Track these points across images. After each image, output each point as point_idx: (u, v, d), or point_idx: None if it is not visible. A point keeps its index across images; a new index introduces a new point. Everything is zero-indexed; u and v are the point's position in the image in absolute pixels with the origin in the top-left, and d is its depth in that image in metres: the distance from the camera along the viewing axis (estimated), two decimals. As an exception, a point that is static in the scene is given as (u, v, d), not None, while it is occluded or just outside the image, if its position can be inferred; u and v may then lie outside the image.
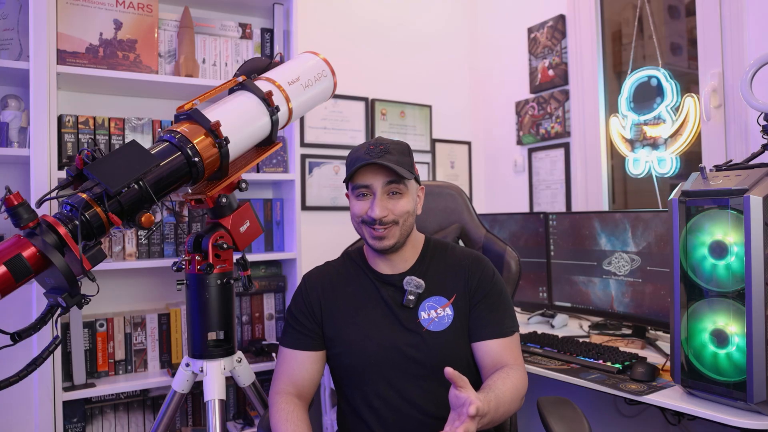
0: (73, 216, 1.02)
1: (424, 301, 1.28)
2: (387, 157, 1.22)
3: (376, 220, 1.23)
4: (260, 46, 2.23)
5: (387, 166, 1.21)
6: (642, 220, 1.84)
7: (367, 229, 1.26)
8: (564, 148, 2.55)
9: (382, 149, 1.24)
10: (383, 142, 1.26)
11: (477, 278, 1.30)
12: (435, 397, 1.22)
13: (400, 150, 1.27)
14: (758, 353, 1.18)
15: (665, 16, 2.25)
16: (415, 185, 1.32)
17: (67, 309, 0.99)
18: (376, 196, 1.24)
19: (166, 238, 2.00)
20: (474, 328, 1.28)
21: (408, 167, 1.26)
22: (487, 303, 1.29)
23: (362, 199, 1.26)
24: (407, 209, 1.26)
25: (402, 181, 1.25)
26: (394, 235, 1.25)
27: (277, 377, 1.28)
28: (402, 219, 1.25)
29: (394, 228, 1.25)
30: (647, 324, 1.85)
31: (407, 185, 1.27)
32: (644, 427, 2.00)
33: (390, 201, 1.24)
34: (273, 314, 2.20)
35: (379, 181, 1.23)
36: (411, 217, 1.28)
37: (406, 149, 1.30)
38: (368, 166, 1.23)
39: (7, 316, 1.61)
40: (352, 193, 1.28)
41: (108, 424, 1.91)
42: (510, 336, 1.27)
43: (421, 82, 2.87)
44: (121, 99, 2.07)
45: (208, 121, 1.21)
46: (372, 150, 1.24)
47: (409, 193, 1.28)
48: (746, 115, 1.81)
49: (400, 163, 1.24)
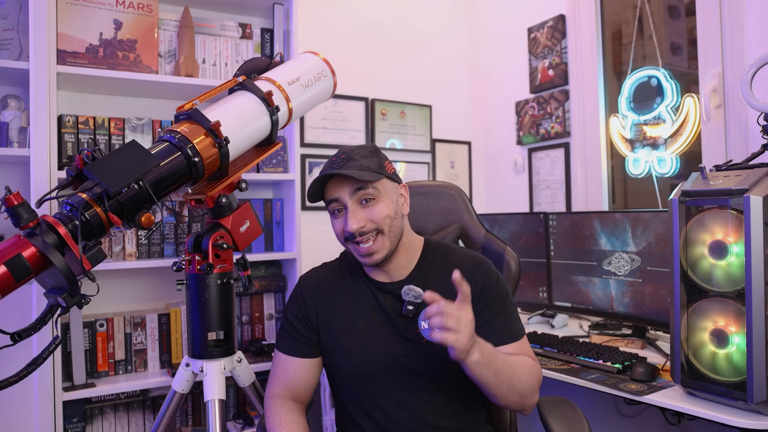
0: (73, 216, 1.01)
1: (425, 310, 1.24)
2: (348, 164, 1.17)
3: (354, 234, 1.17)
4: (260, 46, 2.23)
5: (344, 174, 1.14)
6: (642, 220, 1.84)
7: (352, 246, 1.20)
8: (564, 148, 2.55)
9: (343, 158, 1.18)
10: (345, 150, 1.21)
11: (481, 283, 1.24)
12: (436, 408, 1.21)
13: (364, 154, 1.20)
14: (758, 353, 1.18)
15: (665, 16, 2.25)
16: (393, 185, 1.24)
17: (67, 309, 0.99)
18: (347, 208, 1.17)
19: (166, 238, 2.00)
20: (481, 334, 1.21)
21: (375, 168, 1.19)
22: (493, 308, 1.24)
23: (338, 215, 1.20)
24: (386, 213, 1.18)
25: (370, 185, 1.17)
26: (383, 245, 1.18)
27: (272, 381, 1.27)
28: (385, 226, 1.18)
29: (380, 238, 1.18)
30: (647, 324, 1.85)
31: (379, 188, 1.19)
32: (644, 427, 2.00)
33: (364, 210, 1.17)
34: (273, 314, 2.20)
35: (345, 191, 1.17)
36: (396, 221, 1.20)
37: (373, 150, 1.23)
38: (332, 179, 1.19)
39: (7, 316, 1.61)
40: (329, 212, 1.23)
41: (108, 424, 1.91)
42: (519, 339, 1.24)
43: (421, 82, 2.87)
44: (121, 99, 2.07)
45: (208, 121, 1.21)
46: (333, 162, 1.19)
47: (385, 196, 1.20)
48: (746, 115, 1.81)
49: (364, 167, 1.17)
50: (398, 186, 1.27)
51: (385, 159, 1.25)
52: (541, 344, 1.81)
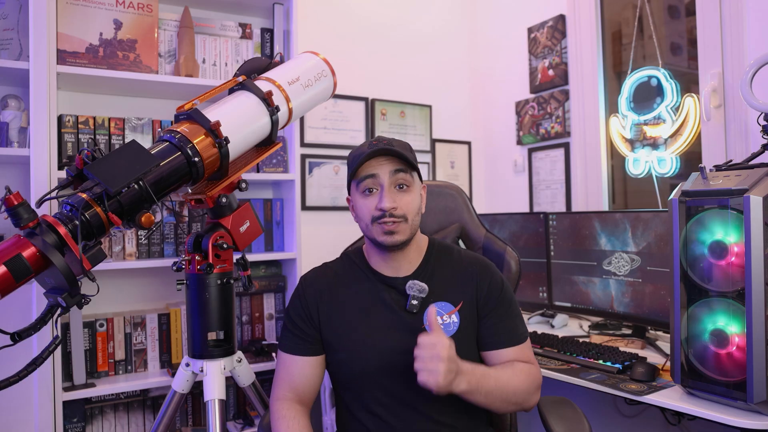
0: (73, 216, 1.01)
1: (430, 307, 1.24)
2: (391, 148, 1.21)
3: (386, 212, 1.19)
4: (260, 46, 2.23)
5: (393, 151, 1.19)
6: (642, 220, 1.84)
7: (377, 226, 1.21)
8: (564, 148, 2.55)
9: (385, 143, 1.22)
10: (386, 138, 1.25)
11: (486, 287, 1.27)
12: (440, 405, 1.21)
13: (403, 145, 1.26)
14: (758, 353, 1.18)
15: (665, 16, 2.25)
16: (419, 182, 1.29)
17: (67, 309, 0.99)
18: (383, 187, 1.20)
19: (166, 238, 2.00)
20: (486, 336, 1.25)
21: (413, 160, 1.24)
22: (498, 312, 1.26)
23: (369, 195, 1.22)
24: (416, 205, 1.24)
25: (409, 171, 1.22)
26: (405, 231, 1.22)
27: (276, 383, 1.27)
28: (411, 216, 1.22)
29: (403, 224, 1.21)
30: (647, 324, 1.85)
31: (414, 178, 1.24)
32: (644, 427, 2.00)
33: (398, 194, 1.21)
34: (273, 314, 2.20)
35: (385, 170, 1.21)
36: (418, 216, 1.26)
37: (408, 146, 1.29)
38: (374, 157, 1.21)
39: (7, 316, 1.62)
40: (358, 191, 1.24)
41: (108, 424, 1.91)
42: (522, 343, 1.26)
43: (421, 82, 2.87)
44: (121, 99, 2.07)
45: (208, 121, 1.21)
46: (375, 144, 1.23)
47: (416, 188, 1.25)
48: (746, 115, 1.81)
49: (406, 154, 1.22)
50: (421, 185, 1.31)
51: (416, 157, 1.29)
52: (541, 344, 1.81)
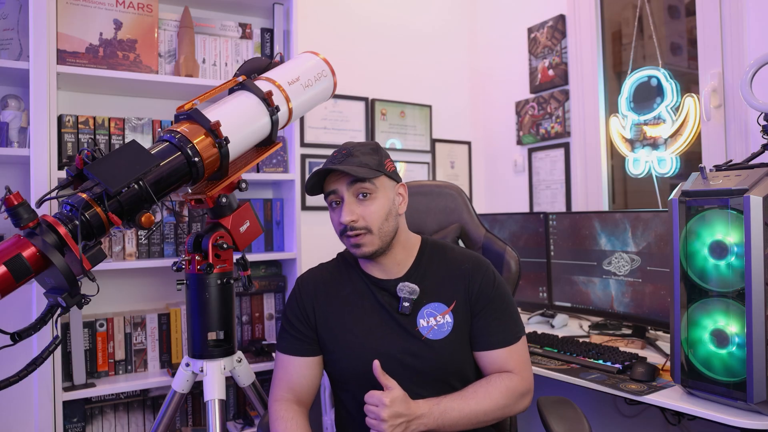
0: (73, 216, 1.01)
1: (423, 308, 1.24)
2: (348, 160, 1.20)
3: (347, 227, 1.19)
4: (260, 46, 2.23)
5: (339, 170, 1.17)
6: (642, 220, 1.84)
7: (345, 239, 1.22)
8: (564, 148, 2.55)
9: (344, 153, 1.21)
10: (347, 146, 1.24)
11: (478, 284, 1.25)
12: None
13: (365, 150, 1.23)
14: (758, 353, 1.18)
15: (665, 16, 2.25)
16: (391, 183, 1.25)
17: (67, 309, 0.99)
18: (344, 200, 1.20)
19: (166, 238, 2.00)
20: (478, 336, 1.24)
21: (374, 166, 1.21)
22: (490, 311, 1.24)
23: (335, 208, 1.23)
24: (381, 213, 1.20)
25: (369, 180, 1.19)
26: (372, 242, 1.20)
27: (275, 384, 1.27)
28: (375, 225, 1.19)
29: (368, 236, 1.19)
30: (647, 324, 1.85)
31: (377, 185, 1.21)
32: (644, 427, 2.00)
33: (360, 205, 1.20)
34: (273, 314, 2.20)
35: (343, 184, 1.20)
36: (388, 222, 1.22)
37: (374, 148, 1.25)
38: (333, 172, 1.21)
39: (7, 316, 1.62)
40: (328, 205, 1.26)
41: (108, 424, 1.91)
42: (515, 343, 1.24)
43: (421, 82, 2.87)
44: (121, 99, 2.07)
45: (208, 121, 1.21)
46: (335, 157, 1.22)
47: (382, 194, 1.22)
48: (746, 115, 1.81)
49: (363, 164, 1.20)
50: (397, 185, 1.28)
51: (386, 157, 1.27)
52: (541, 344, 1.81)
